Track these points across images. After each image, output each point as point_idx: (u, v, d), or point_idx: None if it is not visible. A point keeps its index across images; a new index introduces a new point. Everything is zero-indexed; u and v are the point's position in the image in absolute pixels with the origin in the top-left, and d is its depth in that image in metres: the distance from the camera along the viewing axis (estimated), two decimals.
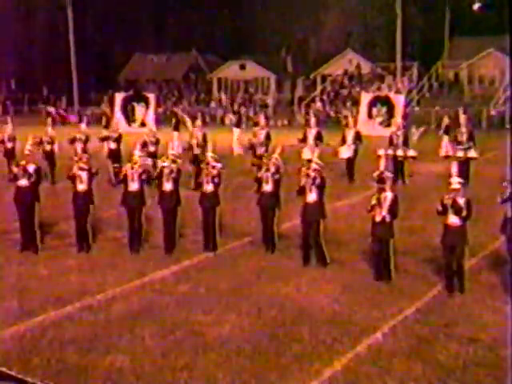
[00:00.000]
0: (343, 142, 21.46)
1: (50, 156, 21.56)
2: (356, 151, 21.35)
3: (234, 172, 21.00)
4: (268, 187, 13.60)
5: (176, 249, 13.60)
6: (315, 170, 12.50)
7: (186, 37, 61.37)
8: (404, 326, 9.80)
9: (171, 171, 13.64)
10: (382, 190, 11.50)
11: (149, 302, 10.75)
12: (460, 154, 19.97)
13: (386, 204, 11.37)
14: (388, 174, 11.81)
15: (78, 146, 21.15)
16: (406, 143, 21.07)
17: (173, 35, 63.08)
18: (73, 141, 21.54)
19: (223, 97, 52.91)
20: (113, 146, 21.36)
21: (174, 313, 10.29)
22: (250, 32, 62.01)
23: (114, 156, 21.04)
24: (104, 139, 21.75)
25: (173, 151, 14.76)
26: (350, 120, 23.20)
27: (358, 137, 21.52)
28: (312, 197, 12.45)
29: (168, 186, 13.64)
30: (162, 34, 64.50)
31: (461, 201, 10.90)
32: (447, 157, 20.11)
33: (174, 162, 13.89)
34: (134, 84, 57.22)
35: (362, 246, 13.20)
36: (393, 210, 11.39)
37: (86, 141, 21.57)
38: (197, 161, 19.24)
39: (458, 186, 10.96)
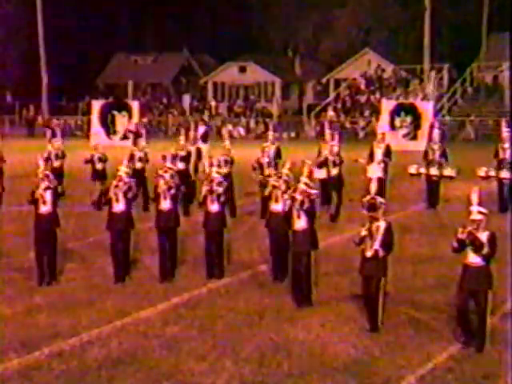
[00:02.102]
0: (371, 159, 20.64)
1: None
2: (386, 170, 20.64)
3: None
4: (278, 207, 13.62)
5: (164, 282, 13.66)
6: (303, 191, 12.33)
7: (175, 34, 61.67)
8: (434, 376, 9.72)
9: (169, 187, 13.74)
10: (373, 219, 11.12)
11: (131, 347, 10.70)
12: (505, 174, 19.75)
13: (379, 236, 11.05)
14: (380, 200, 11.33)
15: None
16: (443, 159, 20.52)
17: (161, 32, 63.36)
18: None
19: (213, 104, 53.03)
20: (56, 164, 21.64)
21: (162, 359, 10.24)
22: (251, 29, 62.38)
23: (58, 176, 21.40)
24: (47, 158, 21.74)
25: (170, 165, 14.94)
26: (380, 133, 22.51)
27: (387, 153, 20.77)
28: (300, 224, 12.33)
29: (166, 205, 13.76)
30: (148, 31, 64.82)
31: (482, 235, 10.39)
32: (487, 177, 19.80)
33: (172, 176, 14.01)
34: (115, 89, 57.54)
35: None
36: (386, 242, 11.06)
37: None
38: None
39: (478, 217, 10.39)
